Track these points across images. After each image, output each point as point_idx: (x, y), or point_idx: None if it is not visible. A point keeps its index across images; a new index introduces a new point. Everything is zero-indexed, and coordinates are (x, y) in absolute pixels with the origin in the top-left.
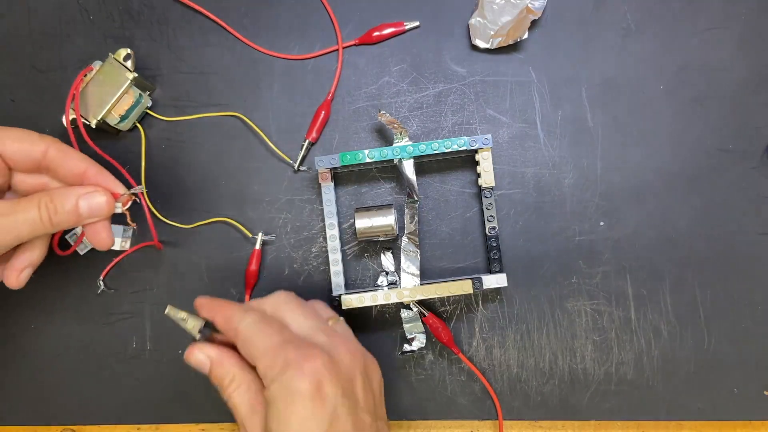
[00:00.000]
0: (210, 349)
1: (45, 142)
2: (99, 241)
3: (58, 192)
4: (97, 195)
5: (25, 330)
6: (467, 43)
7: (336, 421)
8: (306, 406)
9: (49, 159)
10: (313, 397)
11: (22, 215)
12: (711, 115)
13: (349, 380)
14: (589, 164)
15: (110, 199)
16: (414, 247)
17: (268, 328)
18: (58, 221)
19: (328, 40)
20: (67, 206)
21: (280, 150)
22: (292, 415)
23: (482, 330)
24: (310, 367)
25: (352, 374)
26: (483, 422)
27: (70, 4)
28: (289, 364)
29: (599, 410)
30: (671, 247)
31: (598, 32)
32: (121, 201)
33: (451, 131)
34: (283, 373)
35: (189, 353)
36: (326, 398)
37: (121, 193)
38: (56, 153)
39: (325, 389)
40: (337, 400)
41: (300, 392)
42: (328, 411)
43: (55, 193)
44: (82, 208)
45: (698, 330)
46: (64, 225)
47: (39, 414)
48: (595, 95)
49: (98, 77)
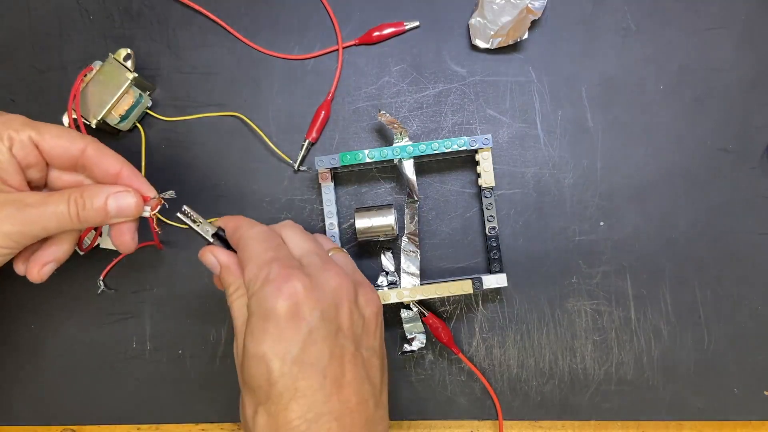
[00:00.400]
0: (222, 254)
1: (84, 140)
2: (122, 243)
3: (89, 188)
4: (127, 195)
5: (25, 330)
6: (467, 43)
7: (310, 345)
8: (279, 325)
9: (86, 157)
10: (287, 317)
11: (52, 207)
12: (711, 115)
13: (331, 305)
14: (589, 164)
15: (139, 201)
16: (414, 247)
17: (266, 242)
18: (85, 217)
19: (328, 40)
20: (96, 203)
21: (280, 150)
22: (265, 333)
23: (482, 330)
24: (288, 288)
25: (336, 300)
26: (483, 422)
27: (70, 4)
28: (269, 281)
29: (599, 410)
30: (671, 247)
31: (598, 32)
32: (150, 205)
33: (451, 131)
34: (261, 288)
35: (203, 253)
36: (302, 321)
37: (151, 197)
38: (94, 152)
39: (302, 311)
40: (314, 323)
41: (275, 311)
42: (302, 333)
43: (85, 189)
44: (111, 207)
45: (698, 330)
46: (92, 222)
47: (39, 414)
48: (595, 95)
49: (98, 77)
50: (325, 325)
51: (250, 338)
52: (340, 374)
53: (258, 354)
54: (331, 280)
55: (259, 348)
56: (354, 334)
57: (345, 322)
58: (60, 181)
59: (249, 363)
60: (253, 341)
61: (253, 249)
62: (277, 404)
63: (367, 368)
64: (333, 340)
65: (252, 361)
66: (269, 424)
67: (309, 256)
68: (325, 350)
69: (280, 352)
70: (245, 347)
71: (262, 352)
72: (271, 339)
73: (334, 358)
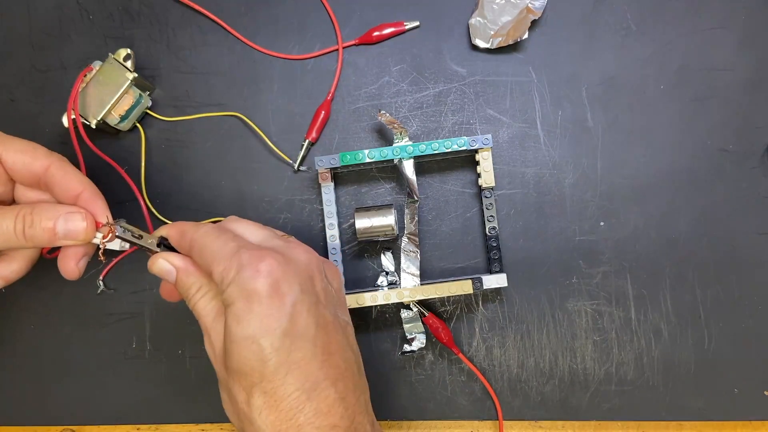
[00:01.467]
0: (175, 258)
1: (50, 158)
2: (65, 268)
3: (40, 206)
4: (77, 218)
5: (24, 330)
6: (467, 43)
7: (297, 317)
8: (264, 303)
9: (49, 175)
10: (270, 295)
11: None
12: (711, 115)
13: (307, 278)
14: (589, 164)
15: (90, 226)
16: (414, 247)
17: (223, 236)
18: (32, 235)
19: (328, 40)
20: (44, 223)
21: (280, 150)
22: (251, 314)
23: (482, 330)
24: (265, 267)
25: (309, 272)
26: (483, 422)
27: (70, 4)
28: (244, 266)
29: (599, 410)
30: (671, 247)
31: (598, 32)
32: (102, 232)
33: (451, 131)
34: (238, 274)
35: (152, 262)
36: (284, 296)
37: (104, 223)
38: (57, 170)
39: (282, 287)
40: (296, 297)
41: (257, 291)
42: (287, 308)
43: (36, 207)
44: (59, 228)
45: (698, 330)
46: (38, 242)
47: (39, 414)
48: (595, 95)
49: (98, 77)
50: (306, 297)
51: (235, 323)
52: (327, 342)
53: (248, 336)
54: (301, 255)
55: (248, 330)
56: (330, 304)
57: (321, 293)
58: (25, 197)
59: (239, 347)
60: (239, 326)
61: (212, 246)
62: (272, 381)
63: (347, 336)
64: (316, 310)
65: (242, 344)
66: (267, 402)
67: (269, 241)
68: (311, 320)
69: (269, 329)
70: (232, 334)
71: (251, 333)
72: (258, 318)
73: (320, 327)
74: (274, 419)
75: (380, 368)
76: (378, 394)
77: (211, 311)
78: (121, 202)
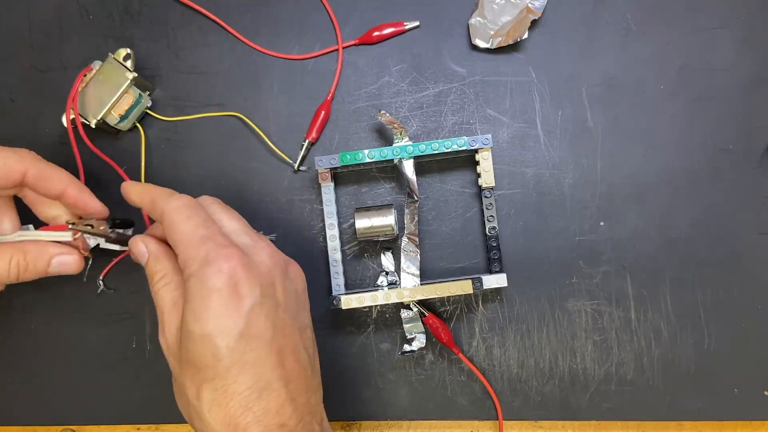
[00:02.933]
0: (151, 243)
1: (23, 163)
2: None
3: (32, 251)
4: (68, 257)
5: (24, 330)
6: (467, 43)
7: (254, 320)
8: (222, 303)
9: (29, 180)
10: (229, 295)
11: None
12: (711, 115)
13: (269, 282)
14: (589, 164)
15: (80, 260)
16: (414, 247)
17: (195, 218)
18: (25, 277)
19: (328, 40)
20: (39, 265)
21: (280, 150)
22: (208, 311)
23: (482, 330)
24: (228, 266)
25: (272, 276)
26: (483, 422)
27: (70, 4)
28: (208, 261)
29: (599, 410)
30: (671, 247)
31: (598, 32)
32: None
33: (451, 131)
34: (201, 268)
35: (133, 242)
36: (243, 298)
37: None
38: (36, 173)
39: (242, 289)
40: (255, 299)
41: (217, 290)
42: (245, 310)
43: (28, 252)
44: (53, 267)
45: (698, 330)
46: (30, 279)
47: (39, 414)
48: (595, 95)
49: (98, 77)
50: (266, 300)
51: (192, 319)
52: (283, 344)
53: (204, 333)
54: (266, 258)
55: (205, 327)
56: (289, 308)
57: (281, 297)
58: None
59: (194, 344)
60: (197, 322)
61: (183, 227)
62: (224, 378)
63: (303, 340)
64: (274, 314)
65: (198, 341)
66: (216, 398)
67: (240, 235)
68: (269, 323)
69: (226, 328)
70: (188, 329)
71: (208, 331)
72: (216, 317)
73: (277, 330)
74: (223, 415)
75: (380, 368)
76: (378, 394)
77: (169, 302)
78: (121, 202)
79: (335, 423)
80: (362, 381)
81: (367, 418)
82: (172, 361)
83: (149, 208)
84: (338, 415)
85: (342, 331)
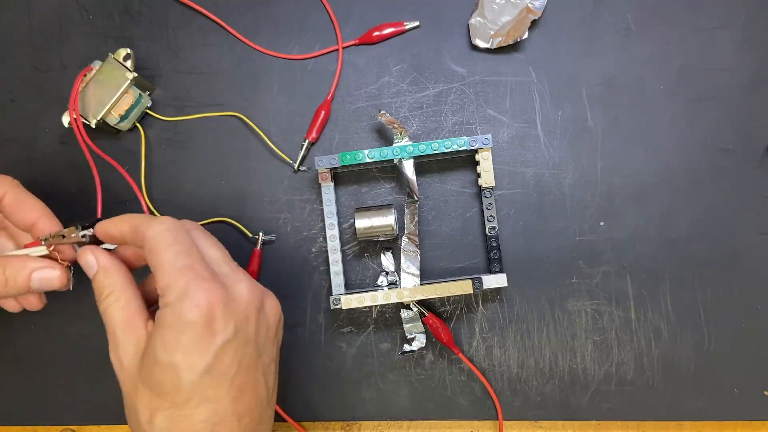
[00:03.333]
0: (102, 256)
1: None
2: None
3: (12, 264)
4: (50, 270)
5: (24, 330)
6: (467, 43)
7: (222, 357)
8: (193, 338)
9: (5, 205)
10: (203, 330)
11: None
12: (711, 115)
13: (244, 318)
14: (589, 164)
15: (63, 275)
16: (414, 247)
17: (178, 245)
18: (6, 292)
19: (328, 40)
20: (19, 279)
21: (280, 150)
22: (178, 343)
23: (482, 330)
24: (205, 301)
25: (248, 311)
26: (483, 422)
27: (70, 4)
28: (187, 293)
29: (599, 410)
30: (671, 247)
31: (598, 32)
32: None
33: (451, 131)
34: (179, 300)
35: (81, 253)
36: (216, 333)
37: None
38: (12, 200)
39: (217, 325)
40: (227, 335)
41: (191, 323)
42: (216, 346)
43: (8, 265)
44: (34, 282)
45: (698, 330)
46: (14, 294)
47: (39, 414)
48: (595, 95)
49: (98, 77)
50: (237, 336)
51: (162, 348)
52: (245, 381)
53: (170, 363)
54: (244, 291)
55: (173, 357)
56: (258, 344)
57: (253, 333)
58: None
59: (159, 371)
60: (165, 351)
61: (166, 254)
62: (182, 410)
63: (265, 374)
64: (242, 350)
65: (163, 369)
66: (170, 427)
67: (220, 265)
68: (235, 360)
69: (192, 363)
70: (154, 356)
71: (175, 362)
72: (185, 350)
73: (242, 366)
74: None
75: (380, 368)
76: (378, 394)
77: (121, 321)
78: (121, 202)
79: (335, 423)
80: (362, 381)
81: (367, 418)
82: (125, 380)
83: (130, 236)
84: (338, 415)
85: (342, 331)
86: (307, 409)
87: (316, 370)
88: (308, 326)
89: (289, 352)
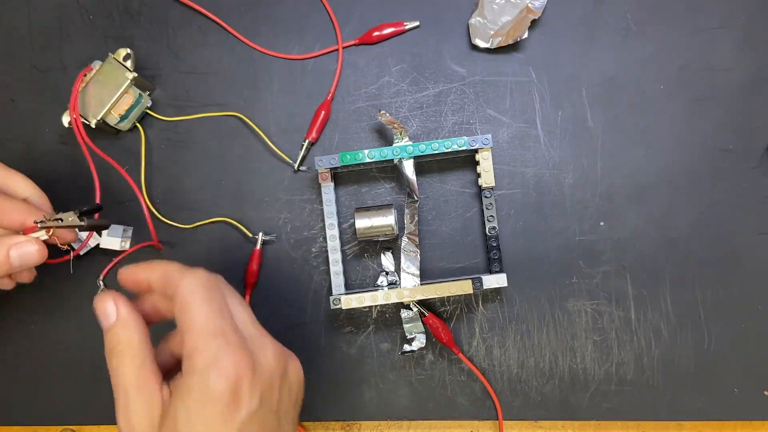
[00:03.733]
0: (123, 306)
1: None
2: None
3: None
4: (28, 245)
5: (25, 330)
6: (467, 43)
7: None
8: (218, 410)
9: None
10: (228, 402)
11: None
12: (711, 115)
13: (269, 386)
14: (589, 164)
15: (42, 249)
16: (414, 247)
17: (212, 303)
18: None
19: (328, 40)
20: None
21: (280, 150)
22: (203, 415)
23: (482, 330)
24: (234, 372)
25: (273, 380)
26: (483, 422)
27: (70, 4)
28: (216, 362)
29: (599, 410)
30: (671, 247)
31: (598, 32)
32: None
33: (451, 131)
34: (207, 369)
35: (100, 299)
36: (241, 405)
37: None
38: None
39: (243, 395)
40: (253, 408)
41: (217, 394)
42: (241, 417)
43: None
44: (14, 258)
45: (698, 330)
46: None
47: (39, 414)
48: (595, 95)
49: (98, 77)
50: (262, 407)
51: (184, 418)
52: None
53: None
54: (270, 358)
55: (194, 428)
56: (281, 410)
57: (276, 400)
58: None
59: None
60: (188, 421)
61: (198, 312)
62: None
63: None
64: (264, 420)
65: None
66: None
67: (248, 327)
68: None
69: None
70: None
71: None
72: (208, 423)
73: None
74: None
75: (380, 368)
76: (378, 394)
77: (135, 382)
78: (121, 202)
79: (335, 423)
80: (362, 381)
81: (367, 418)
82: None
83: (160, 285)
84: (338, 415)
85: (342, 331)
86: (307, 409)
87: (316, 370)
88: (308, 326)
89: None
